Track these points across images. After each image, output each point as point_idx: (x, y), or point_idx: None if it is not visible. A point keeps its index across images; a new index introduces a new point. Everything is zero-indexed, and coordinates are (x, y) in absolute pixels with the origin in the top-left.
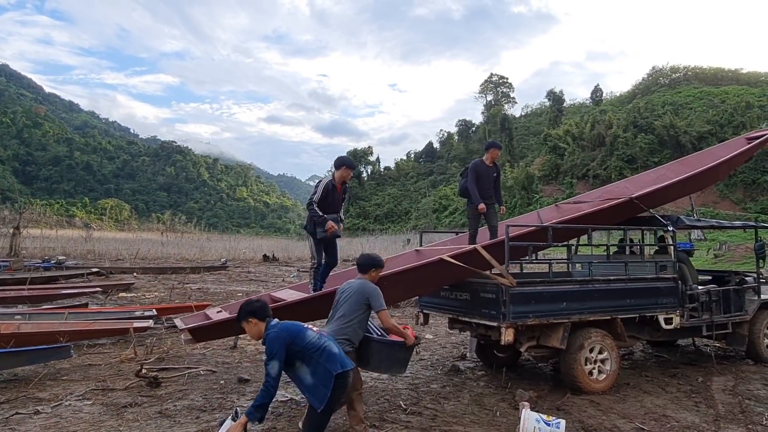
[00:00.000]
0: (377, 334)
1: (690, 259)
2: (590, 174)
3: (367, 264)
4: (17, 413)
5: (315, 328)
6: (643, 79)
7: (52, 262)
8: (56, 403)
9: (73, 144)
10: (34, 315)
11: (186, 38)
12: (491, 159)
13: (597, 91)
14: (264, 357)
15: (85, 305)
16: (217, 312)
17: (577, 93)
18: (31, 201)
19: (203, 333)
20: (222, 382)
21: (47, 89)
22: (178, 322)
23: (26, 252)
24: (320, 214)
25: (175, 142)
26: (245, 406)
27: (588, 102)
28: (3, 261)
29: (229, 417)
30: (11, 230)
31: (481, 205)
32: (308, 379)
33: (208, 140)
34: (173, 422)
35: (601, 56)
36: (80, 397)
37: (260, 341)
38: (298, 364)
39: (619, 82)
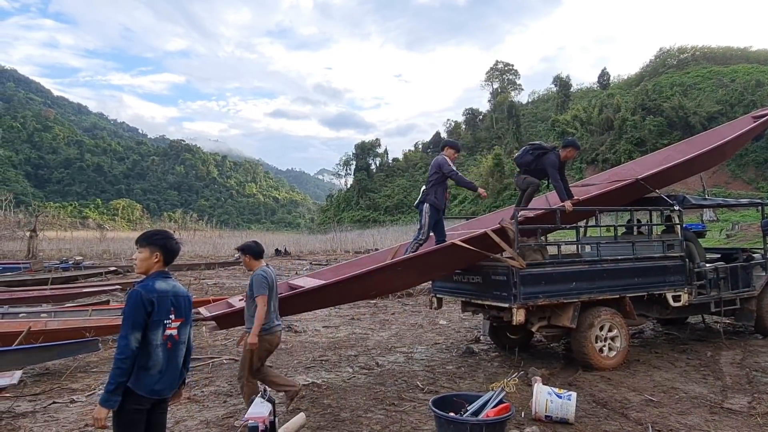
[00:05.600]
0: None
1: (701, 239)
2: (599, 158)
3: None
4: (54, 402)
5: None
6: (650, 61)
7: (70, 262)
8: (89, 393)
9: (83, 146)
10: (59, 313)
11: (190, 36)
12: (566, 157)
13: (604, 75)
14: None
15: (107, 302)
16: (239, 300)
17: (584, 78)
18: (45, 204)
19: (226, 320)
20: None
21: (55, 92)
22: (203, 310)
23: (43, 254)
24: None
25: (184, 141)
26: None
27: (595, 86)
28: (23, 263)
29: (259, 395)
30: (28, 233)
31: (569, 204)
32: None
33: (216, 138)
34: (202, 407)
35: (608, 39)
36: None
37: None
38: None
39: (626, 65)
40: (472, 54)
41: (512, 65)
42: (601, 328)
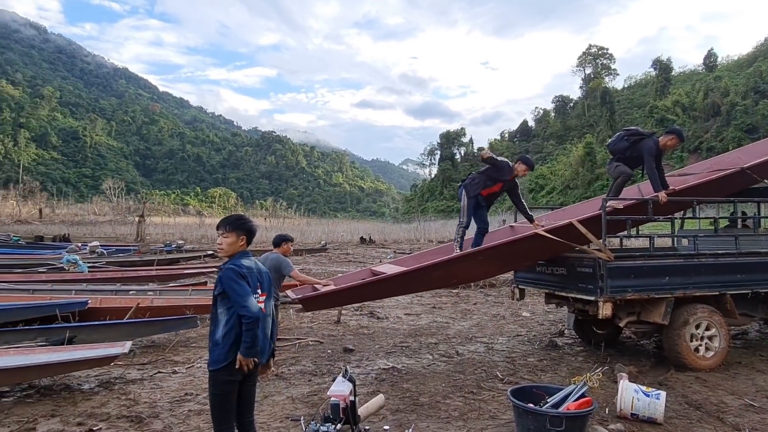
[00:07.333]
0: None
1: None
2: (703, 147)
3: (280, 239)
4: (159, 372)
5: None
6: (765, 40)
7: (173, 246)
8: (189, 365)
9: (185, 138)
10: (163, 291)
11: (280, 29)
12: (666, 146)
13: (711, 56)
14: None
15: (204, 283)
16: (324, 285)
17: (687, 60)
18: (152, 192)
19: (312, 303)
20: (329, 351)
21: (161, 88)
22: (290, 293)
23: (149, 237)
24: None
25: (275, 132)
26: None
27: (700, 69)
28: (132, 245)
29: (340, 374)
30: (137, 218)
31: (663, 195)
32: (218, 333)
33: (304, 129)
34: (288, 384)
35: (716, 16)
36: None
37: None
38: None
39: (737, 45)
40: (563, 38)
41: (607, 49)
42: (697, 327)
